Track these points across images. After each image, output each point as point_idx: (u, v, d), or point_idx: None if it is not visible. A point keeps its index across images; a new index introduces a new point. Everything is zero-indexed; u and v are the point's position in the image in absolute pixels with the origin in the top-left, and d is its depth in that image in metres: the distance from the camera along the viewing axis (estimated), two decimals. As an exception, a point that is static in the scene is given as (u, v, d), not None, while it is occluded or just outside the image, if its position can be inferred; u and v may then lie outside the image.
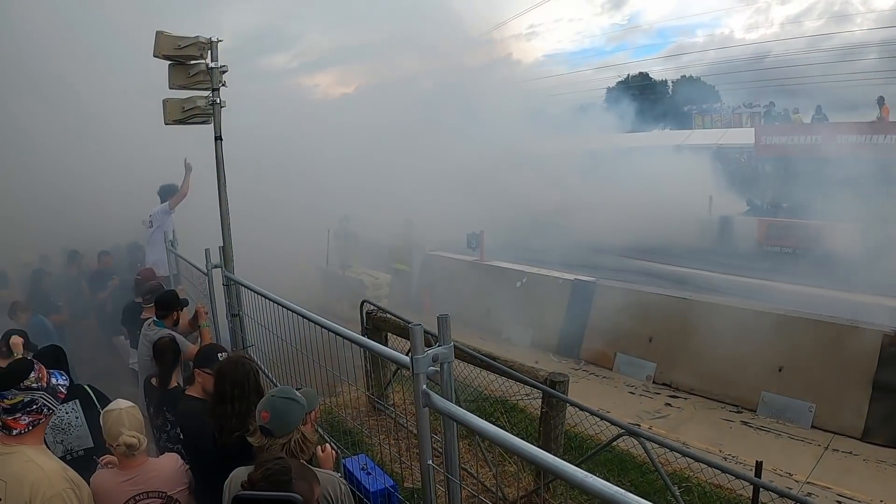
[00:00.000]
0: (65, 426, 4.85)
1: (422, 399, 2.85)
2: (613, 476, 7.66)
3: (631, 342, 12.49)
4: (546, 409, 6.70)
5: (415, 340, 2.87)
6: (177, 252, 9.98)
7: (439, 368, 2.90)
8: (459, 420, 2.70)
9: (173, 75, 7.82)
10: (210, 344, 5.83)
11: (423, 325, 2.96)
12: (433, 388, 2.93)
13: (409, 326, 2.90)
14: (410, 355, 2.89)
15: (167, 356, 5.59)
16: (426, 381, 2.88)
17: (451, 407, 2.78)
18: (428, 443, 3.02)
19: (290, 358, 5.69)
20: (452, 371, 2.98)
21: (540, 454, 2.25)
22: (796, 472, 8.44)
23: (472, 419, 2.63)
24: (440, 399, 2.82)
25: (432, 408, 2.84)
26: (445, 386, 2.96)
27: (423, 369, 2.85)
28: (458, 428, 2.92)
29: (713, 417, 10.39)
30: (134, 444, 3.81)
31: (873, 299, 13.57)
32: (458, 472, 3.02)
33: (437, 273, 17.71)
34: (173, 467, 4.04)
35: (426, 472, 3.04)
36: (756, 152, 27.55)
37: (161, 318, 6.79)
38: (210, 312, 7.67)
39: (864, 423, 9.42)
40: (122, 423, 3.84)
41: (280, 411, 3.36)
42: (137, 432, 3.87)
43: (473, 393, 9.32)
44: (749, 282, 17.08)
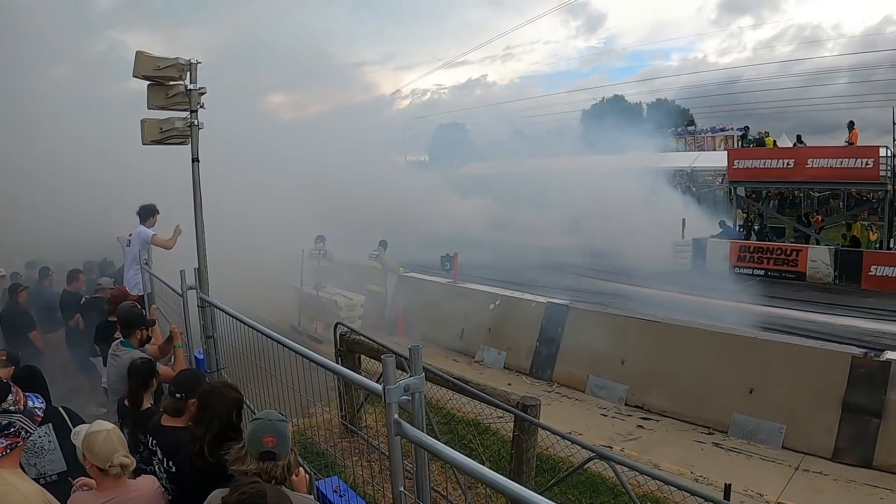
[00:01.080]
0: (37, 449, 4.81)
1: (394, 428, 2.88)
2: (585, 498, 7.69)
3: (603, 365, 12.54)
4: (518, 432, 6.73)
5: (387, 371, 2.89)
6: (151, 271, 9.94)
7: (411, 398, 2.93)
8: (430, 450, 2.74)
9: (152, 96, 7.82)
10: (188, 370, 5.80)
11: (398, 345, 3.00)
12: (405, 416, 2.97)
13: (382, 358, 2.93)
14: (382, 385, 2.91)
15: (137, 377, 5.55)
16: (398, 410, 2.91)
17: (422, 437, 2.81)
18: (400, 470, 3.05)
19: (264, 380, 5.69)
20: (423, 400, 3.01)
21: (509, 485, 2.27)
22: (767, 493, 8.50)
23: (442, 449, 2.66)
24: (411, 429, 2.85)
25: (404, 436, 2.87)
26: (417, 415, 2.99)
27: (395, 399, 2.87)
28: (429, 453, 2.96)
29: (685, 439, 10.45)
30: (128, 465, 3.82)
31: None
32: (428, 499, 3.05)
33: (410, 294, 17.71)
34: (152, 488, 4.02)
35: (398, 498, 3.06)
36: (729, 176, 27.75)
37: (126, 337, 6.77)
38: (184, 333, 7.66)
39: (834, 443, 9.52)
40: (114, 444, 3.83)
41: (282, 433, 3.39)
42: (128, 452, 3.89)
43: (447, 416, 9.34)
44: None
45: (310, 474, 5.20)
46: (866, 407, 9.43)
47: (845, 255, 22.84)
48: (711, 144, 49.78)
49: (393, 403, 2.88)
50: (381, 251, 18.13)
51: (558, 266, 25.00)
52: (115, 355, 6.65)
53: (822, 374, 9.98)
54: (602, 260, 26.16)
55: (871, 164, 22.79)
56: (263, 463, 3.34)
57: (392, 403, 2.88)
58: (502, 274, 20.21)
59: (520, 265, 22.22)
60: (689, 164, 44.05)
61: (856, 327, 16.01)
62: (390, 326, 17.51)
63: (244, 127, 22.93)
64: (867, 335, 15.01)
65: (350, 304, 16.60)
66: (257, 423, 3.46)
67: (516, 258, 22.54)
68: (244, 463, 3.39)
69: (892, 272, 21.07)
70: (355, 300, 16.82)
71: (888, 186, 23.37)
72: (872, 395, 9.44)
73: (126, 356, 6.47)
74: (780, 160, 25.23)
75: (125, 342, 6.74)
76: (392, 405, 2.88)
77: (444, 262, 17.72)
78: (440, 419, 9.19)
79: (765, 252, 24.37)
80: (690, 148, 51.45)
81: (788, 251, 23.90)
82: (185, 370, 5.47)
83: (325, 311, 16.84)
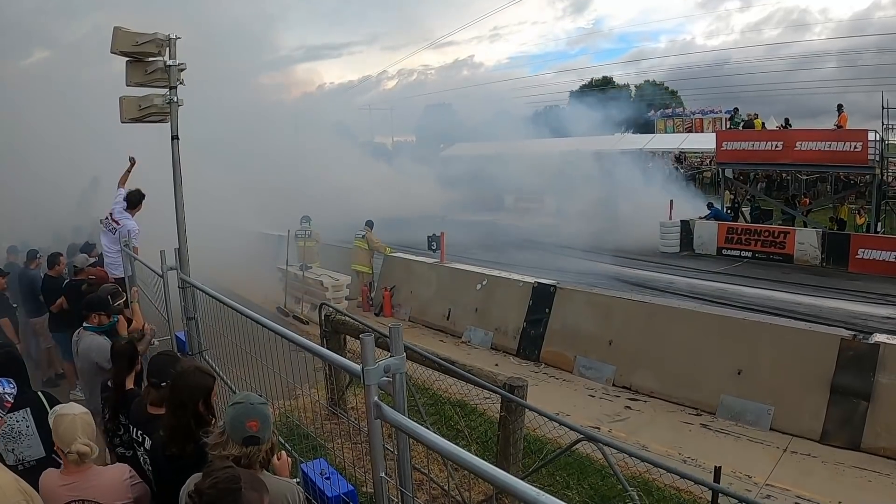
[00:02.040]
0: (15, 434, 4.70)
1: (373, 411, 2.74)
2: (573, 480, 7.62)
3: (591, 345, 12.47)
4: (505, 413, 6.65)
5: (365, 351, 2.73)
6: (131, 252, 9.78)
7: (391, 379, 2.81)
8: (411, 434, 2.60)
9: (130, 72, 7.67)
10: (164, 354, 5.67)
11: (384, 326, 2.88)
12: (386, 396, 2.85)
13: (360, 337, 2.80)
14: (361, 366, 2.78)
15: (122, 360, 5.42)
16: (378, 392, 2.79)
17: (403, 420, 2.67)
18: (380, 455, 2.92)
19: (248, 361, 5.58)
20: (405, 381, 2.89)
21: (493, 471, 2.14)
22: (755, 475, 8.46)
23: (423, 433, 2.53)
24: (392, 411, 2.71)
25: (384, 420, 2.74)
26: (398, 397, 2.86)
27: (374, 380, 2.72)
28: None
29: (673, 420, 10.39)
30: (86, 453, 3.70)
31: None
32: (410, 485, 2.94)
33: (397, 275, 17.60)
34: (116, 479, 3.88)
35: (378, 484, 2.95)
36: (717, 158, 27.76)
37: (85, 320, 6.67)
38: (168, 317, 7.54)
39: (822, 425, 9.47)
40: (76, 429, 3.72)
41: (265, 416, 3.27)
42: (90, 440, 3.75)
43: (433, 397, 9.27)
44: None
45: (294, 457, 5.10)
46: (855, 389, 9.37)
47: (833, 238, 22.89)
48: (699, 126, 49.78)
49: (372, 385, 2.74)
50: (367, 231, 17.97)
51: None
52: (76, 341, 6.59)
53: (811, 356, 9.92)
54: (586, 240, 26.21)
55: (859, 147, 22.83)
56: (246, 448, 3.22)
57: (371, 385, 2.74)
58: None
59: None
60: (677, 146, 44.03)
61: (843, 310, 16.03)
62: (377, 307, 17.40)
63: (221, 108, 22.93)
64: (854, 318, 15.04)
65: (336, 285, 16.45)
66: (238, 407, 3.31)
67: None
68: (226, 448, 3.24)
69: (880, 255, 21.12)
70: (341, 281, 16.66)
71: (876, 170, 23.42)
72: (861, 377, 9.38)
73: (86, 340, 6.39)
74: (768, 142, 25.26)
75: (88, 327, 6.63)
76: (371, 387, 2.73)
77: (431, 243, 17.61)
78: (426, 400, 9.13)
79: (752, 234, 24.39)
80: (678, 130, 51.46)
81: (776, 233, 23.92)
82: (160, 354, 5.32)
83: (310, 292, 16.70)
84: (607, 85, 67.95)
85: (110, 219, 10.34)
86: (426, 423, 7.42)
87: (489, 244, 25.84)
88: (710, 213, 26.82)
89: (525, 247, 26.51)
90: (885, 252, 21.07)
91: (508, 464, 6.60)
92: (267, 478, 3.32)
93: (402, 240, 21.97)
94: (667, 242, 26.14)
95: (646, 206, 28.88)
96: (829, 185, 33.99)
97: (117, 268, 10.07)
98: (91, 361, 6.40)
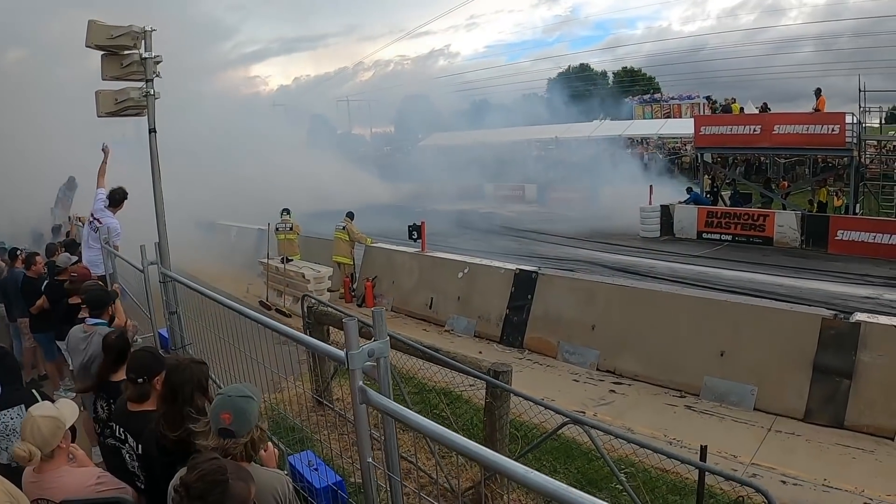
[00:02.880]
0: (9, 432, 4.72)
1: (358, 396, 2.71)
2: (560, 464, 7.64)
3: (574, 330, 12.48)
4: (490, 399, 6.65)
5: (349, 335, 2.70)
6: (111, 249, 9.69)
7: (376, 364, 2.78)
8: (397, 417, 2.57)
9: (106, 66, 7.61)
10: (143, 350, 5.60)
11: (367, 316, 2.85)
12: (372, 384, 2.83)
13: (343, 322, 2.78)
14: (345, 351, 2.75)
15: (112, 353, 5.35)
16: (362, 376, 2.76)
17: (389, 403, 2.63)
18: (367, 440, 2.89)
19: (232, 355, 5.54)
20: (389, 366, 2.86)
21: (481, 451, 2.12)
22: (741, 454, 8.49)
23: (410, 416, 2.50)
24: (377, 395, 2.68)
25: (369, 404, 2.71)
26: (383, 381, 2.83)
27: (358, 365, 2.69)
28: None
29: (657, 403, 10.42)
30: (22, 458, 3.61)
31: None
32: (398, 469, 2.92)
33: (378, 265, 17.56)
34: (80, 483, 3.77)
35: (366, 470, 2.92)
36: (695, 142, 27.88)
37: (96, 317, 6.56)
38: (149, 312, 7.49)
39: (805, 404, 9.52)
40: (25, 431, 3.69)
41: (241, 410, 3.21)
42: (36, 445, 3.63)
43: (417, 385, 9.26)
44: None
45: (280, 449, 5.08)
46: (837, 368, 9.43)
47: (812, 220, 23.08)
48: (678, 112, 49.96)
49: (357, 370, 2.70)
50: (347, 222, 17.90)
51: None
52: (85, 339, 6.46)
53: (793, 336, 9.96)
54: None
55: (836, 130, 22.99)
56: (223, 440, 3.19)
57: (356, 370, 2.71)
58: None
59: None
60: (656, 132, 44.16)
61: (823, 290, 16.14)
62: (359, 298, 17.36)
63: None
64: (835, 298, 15.15)
65: (318, 277, 16.38)
66: (219, 398, 3.29)
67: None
68: (207, 438, 3.23)
69: (859, 236, 21.36)
70: (323, 273, 16.60)
71: (854, 152, 23.58)
72: (843, 356, 9.44)
73: (98, 337, 6.33)
74: (746, 126, 25.35)
75: (96, 322, 6.54)
76: (356, 371, 2.70)
77: (412, 232, 17.58)
78: (411, 389, 9.14)
79: (732, 217, 24.52)
80: (657, 115, 51.62)
81: (756, 216, 24.08)
82: (140, 350, 5.26)
83: (292, 285, 16.65)
84: (585, 72, 68.08)
85: (92, 218, 10.27)
86: (413, 409, 7.41)
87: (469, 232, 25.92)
88: (690, 197, 26.92)
89: (505, 234, 26.60)
90: (863, 233, 21.29)
91: (495, 449, 6.56)
92: (254, 469, 3.30)
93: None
94: (647, 227, 26.24)
95: (625, 191, 29.03)
96: (807, 168, 34.21)
97: (98, 265, 9.98)
98: (86, 353, 6.31)
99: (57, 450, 3.74)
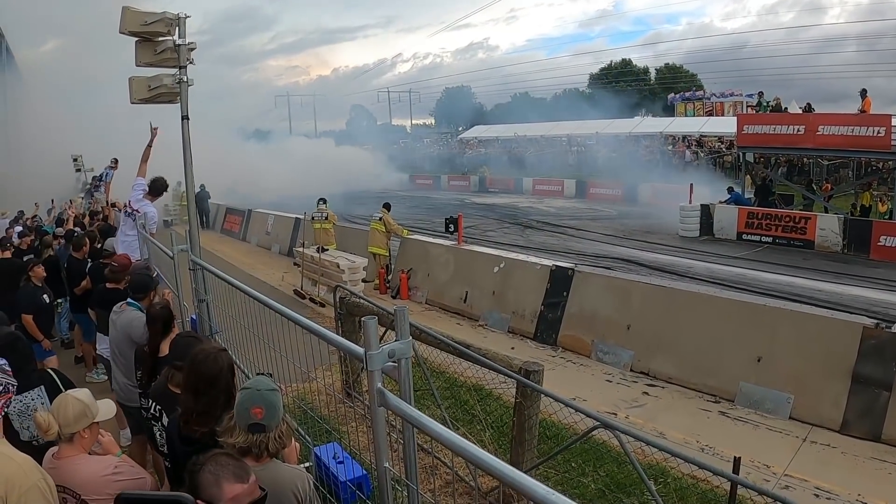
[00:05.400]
0: (30, 412, 4.72)
1: (377, 398, 2.62)
2: (589, 467, 7.55)
3: (609, 330, 12.33)
4: (520, 399, 6.55)
5: (368, 335, 2.60)
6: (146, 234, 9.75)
7: (397, 364, 2.68)
8: (415, 423, 2.46)
9: (140, 52, 7.63)
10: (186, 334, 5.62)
11: (402, 310, 2.75)
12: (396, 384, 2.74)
13: (362, 321, 2.68)
14: (364, 350, 2.66)
15: (157, 324, 5.46)
16: (381, 378, 2.66)
17: (407, 408, 2.52)
18: (384, 443, 2.80)
19: (262, 344, 5.51)
20: (411, 368, 2.76)
21: (500, 467, 2.00)
22: (774, 465, 8.32)
23: (427, 422, 2.39)
24: (395, 399, 2.57)
25: (387, 407, 2.62)
26: (403, 384, 2.74)
27: (377, 366, 2.59)
28: (430, 414, 2.73)
29: (691, 407, 10.26)
30: (39, 425, 3.66)
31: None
32: (416, 476, 2.83)
33: (414, 257, 17.51)
34: (95, 472, 3.75)
35: (382, 474, 2.83)
36: (738, 141, 27.53)
37: (138, 301, 6.59)
38: (177, 297, 7.49)
39: (842, 415, 9.30)
40: (53, 406, 3.82)
41: (271, 403, 3.19)
42: (58, 421, 3.69)
43: (449, 381, 9.20)
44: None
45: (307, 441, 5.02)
46: (876, 379, 9.19)
47: (854, 225, 22.65)
48: (720, 110, 49.48)
49: (375, 371, 2.61)
50: (384, 213, 17.88)
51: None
52: (117, 314, 6.57)
53: (832, 344, 9.73)
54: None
55: (882, 133, 22.49)
56: (252, 435, 3.15)
57: (374, 371, 2.61)
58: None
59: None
60: (698, 130, 43.77)
61: (864, 297, 15.85)
62: (394, 289, 17.34)
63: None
64: (875, 305, 14.86)
65: (352, 267, 16.37)
66: (245, 392, 3.25)
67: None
68: (233, 435, 3.19)
69: (902, 243, 20.89)
70: (357, 263, 16.59)
71: (899, 156, 23.12)
72: (883, 367, 9.19)
73: (127, 314, 6.37)
74: (790, 126, 24.93)
75: (132, 303, 6.58)
76: (375, 372, 2.60)
77: (448, 225, 17.51)
78: (442, 384, 9.06)
79: (773, 219, 24.17)
80: (699, 113, 51.19)
81: (797, 219, 23.70)
82: (182, 335, 5.28)
83: (327, 275, 16.65)
84: (626, 68, 67.55)
85: (130, 208, 10.35)
86: (441, 407, 7.35)
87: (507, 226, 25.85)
88: (731, 197, 26.62)
89: (543, 229, 26.49)
90: (907, 240, 20.86)
91: (524, 450, 6.53)
92: (276, 465, 3.28)
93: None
94: (687, 226, 25.98)
95: (665, 189, 28.82)
96: (851, 171, 33.64)
97: (133, 251, 10.07)
98: (127, 335, 6.34)
99: (77, 436, 3.76)
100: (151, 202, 10.14)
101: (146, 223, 9.74)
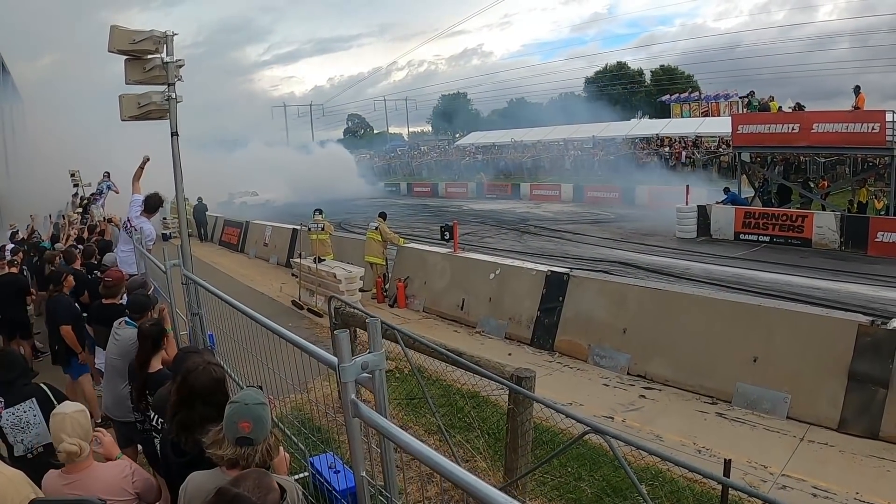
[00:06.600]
0: (23, 425, 4.94)
1: (350, 409, 2.62)
2: (585, 471, 7.54)
3: (605, 334, 12.35)
4: (512, 405, 6.56)
5: (340, 347, 2.61)
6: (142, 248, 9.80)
7: (371, 376, 2.69)
8: (388, 435, 2.46)
9: (129, 70, 7.68)
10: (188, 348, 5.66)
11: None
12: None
13: (334, 334, 2.70)
14: (337, 362, 2.66)
15: (147, 342, 5.47)
16: (354, 390, 2.66)
17: (380, 420, 2.52)
18: (359, 454, 2.82)
19: (258, 355, 5.53)
20: (384, 379, 2.77)
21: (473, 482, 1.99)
22: (771, 464, 8.31)
23: (399, 435, 2.38)
24: (368, 410, 2.58)
25: (361, 419, 2.62)
26: (378, 395, 2.75)
27: (350, 378, 2.60)
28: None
29: (688, 409, 10.26)
30: (74, 452, 3.69)
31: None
32: (395, 486, 2.84)
33: (410, 266, 17.53)
34: (116, 476, 3.88)
35: (360, 483, 2.84)
36: (733, 141, 27.57)
37: (135, 320, 6.62)
38: (169, 310, 7.51)
39: (839, 413, 9.30)
40: (65, 428, 3.74)
41: (259, 417, 3.18)
42: (80, 439, 3.75)
43: (445, 388, 9.22)
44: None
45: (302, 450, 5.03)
46: (873, 376, 9.19)
47: (851, 222, 22.67)
48: (716, 111, 49.55)
49: (349, 382, 2.62)
50: (380, 222, 17.91)
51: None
52: (117, 334, 6.57)
53: (828, 342, 9.74)
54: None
55: (877, 128, 22.50)
56: (240, 448, 3.15)
57: (348, 382, 2.62)
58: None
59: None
60: (693, 131, 43.86)
61: (862, 294, 15.85)
62: (391, 299, 17.35)
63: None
64: (873, 302, 14.86)
65: (349, 277, 16.39)
66: (233, 406, 3.25)
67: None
68: (221, 448, 3.20)
69: (899, 238, 20.90)
70: (354, 273, 16.61)
71: (895, 152, 23.07)
72: (879, 364, 9.19)
73: (127, 332, 6.39)
74: (784, 125, 24.96)
75: (130, 322, 6.60)
76: (348, 384, 2.61)
77: (444, 233, 17.54)
78: (439, 392, 9.08)
79: (770, 218, 24.20)
80: (694, 114, 51.28)
81: (794, 217, 23.73)
82: (184, 349, 5.33)
83: (324, 285, 16.67)
84: (621, 70, 67.64)
85: (129, 224, 10.45)
86: (437, 414, 7.36)
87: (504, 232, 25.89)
88: (727, 197, 26.64)
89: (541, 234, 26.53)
90: (905, 235, 20.86)
91: (518, 456, 6.54)
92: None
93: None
94: (684, 228, 26.01)
95: (661, 191, 28.86)
96: (847, 168, 33.64)
97: (130, 266, 10.13)
98: (127, 352, 6.37)
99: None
100: (148, 219, 10.22)
101: (143, 239, 9.80)
